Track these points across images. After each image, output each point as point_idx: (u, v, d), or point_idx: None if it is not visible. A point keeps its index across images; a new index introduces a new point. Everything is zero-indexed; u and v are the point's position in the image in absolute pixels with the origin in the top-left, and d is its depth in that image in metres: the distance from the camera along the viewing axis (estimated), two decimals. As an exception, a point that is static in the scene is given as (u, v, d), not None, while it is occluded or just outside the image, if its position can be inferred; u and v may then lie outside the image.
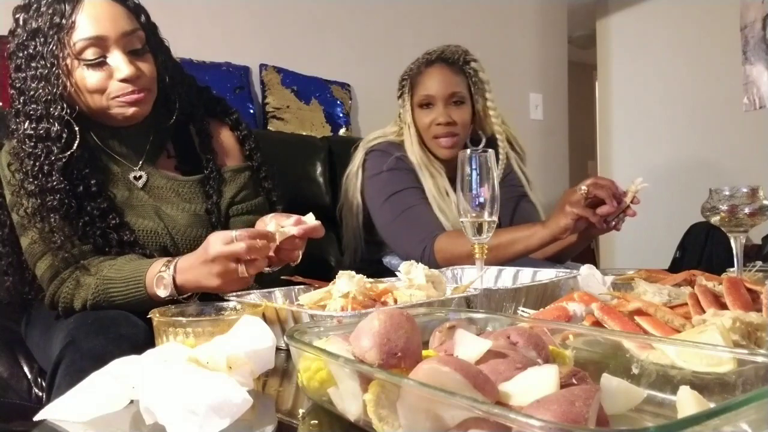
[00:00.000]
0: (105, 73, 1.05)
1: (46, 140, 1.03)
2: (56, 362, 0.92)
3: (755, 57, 2.84)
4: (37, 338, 1.14)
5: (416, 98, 1.65)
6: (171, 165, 1.21)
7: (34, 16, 1.03)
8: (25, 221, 1.05)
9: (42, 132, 1.03)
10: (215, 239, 0.91)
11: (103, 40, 1.04)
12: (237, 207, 1.24)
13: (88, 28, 1.03)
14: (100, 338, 0.92)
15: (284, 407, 0.65)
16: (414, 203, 1.58)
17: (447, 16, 2.80)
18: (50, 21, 1.02)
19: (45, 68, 1.03)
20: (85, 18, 1.02)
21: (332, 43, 2.50)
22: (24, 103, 1.05)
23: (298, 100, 2.30)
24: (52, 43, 1.02)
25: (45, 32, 1.02)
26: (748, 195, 0.95)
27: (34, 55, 1.03)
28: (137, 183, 1.15)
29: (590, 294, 0.80)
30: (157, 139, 1.19)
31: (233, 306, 0.83)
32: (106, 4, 1.05)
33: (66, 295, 1.03)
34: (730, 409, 0.37)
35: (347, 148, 1.81)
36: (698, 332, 0.62)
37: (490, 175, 0.99)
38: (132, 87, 1.06)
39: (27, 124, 1.04)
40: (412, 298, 0.85)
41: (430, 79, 1.64)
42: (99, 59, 1.04)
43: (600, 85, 3.58)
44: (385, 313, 0.52)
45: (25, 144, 1.04)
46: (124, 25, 1.06)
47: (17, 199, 1.05)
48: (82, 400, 0.59)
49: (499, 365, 0.47)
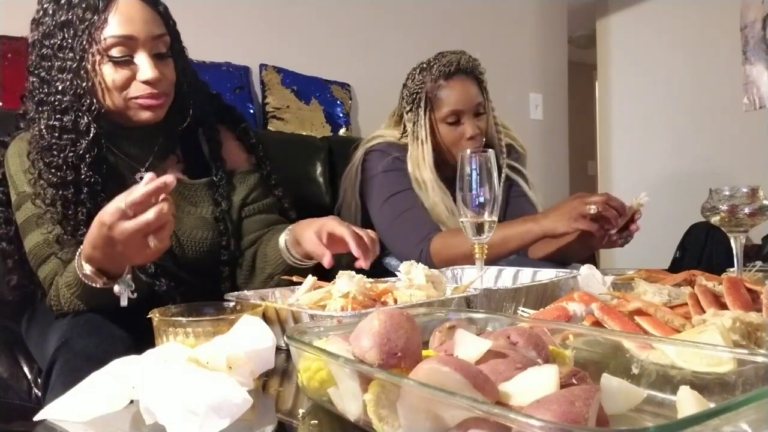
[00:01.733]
0: (129, 72, 1.06)
1: (71, 132, 1.03)
2: (51, 362, 0.92)
3: (755, 57, 2.84)
4: (36, 338, 1.14)
5: (441, 114, 1.60)
6: (179, 170, 1.21)
7: (66, 8, 1.03)
8: (34, 218, 1.04)
9: (68, 124, 1.03)
10: (110, 219, 0.82)
11: (132, 40, 1.04)
12: (249, 207, 1.25)
13: (119, 26, 1.03)
14: (93, 338, 0.92)
15: (284, 407, 0.65)
16: (411, 205, 1.58)
17: (447, 16, 2.80)
18: (82, 15, 1.02)
19: (74, 61, 1.03)
20: (118, 16, 1.03)
21: (332, 43, 2.50)
22: (48, 93, 1.04)
23: (298, 100, 2.30)
24: (82, 37, 1.02)
25: (76, 26, 1.02)
26: (748, 195, 0.95)
27: (63, 47, 1.03)
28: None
29: (590, 294, 0.80)
30: (166, 142, 1.19)
31: (233, 306, 0.83)
32: (139, 6, 1.06)
33: (56, 302, 1.02)
34: (730, 409, 0.37)
35: (347, 148, 1.81)
36: (698, 332, 0.62)
37: (490, 175, 0.99)
38: (152, 90, 1.07)
39: (50, 114, 1.04)
40: (412, 298, 0.85)
41: (454, 93, 1.59)
42: (125, 58, 1.05)
43: (600, 85, 3.58)
44: (385, 313, 0.52)
45: (47, 134, 1.03)
46: (153, 29, 1.07)
47: (36, 189, 1.04)
48: (82, 400, 0.59)
49: (499, 365, 0.47)
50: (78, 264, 0.93)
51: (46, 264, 1.04)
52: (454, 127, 1.60)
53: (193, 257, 1.15)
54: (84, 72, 1.03)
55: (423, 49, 1.70)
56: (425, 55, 1.73)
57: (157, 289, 1.09)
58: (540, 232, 1.36)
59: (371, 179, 1.64)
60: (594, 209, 1.27)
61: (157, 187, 0.81)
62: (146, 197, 0.80)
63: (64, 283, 0.98)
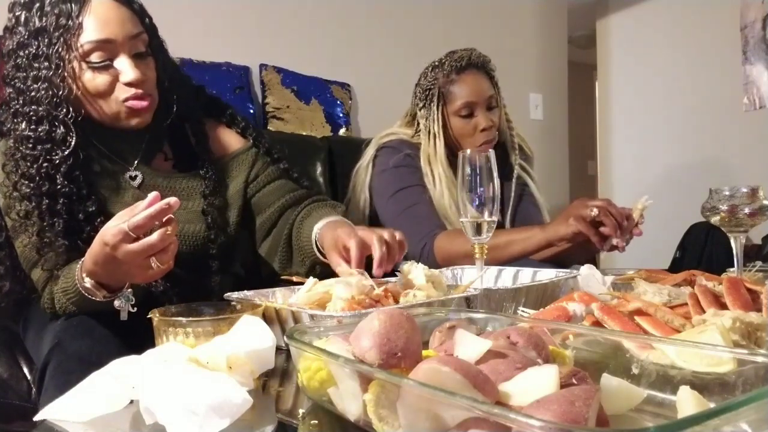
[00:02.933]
0: (110, 77, 1.04)
1: (46, 142, 1.01)
2: (44, 364, 0.92)
3: (755, 57, 2.84)
4: (32, 339, 1.14)
5: (453, 107, 1.62)
6: (168, 166, 1.20)
7: (38, 15, 1.00)
8: (17, 224, 1.03)
9: (42, 134, 1.01)
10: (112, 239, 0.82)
11: (110, 44, 1.02)
12: (257, 182, 1.24)
13: (95, 30, 1.01)
14: (86, 340, 0.91)
15: (284, 407, 0.65)
16: (417, 201, 1.59)
17: (447, 16, 2.80)
18: (56, 22, 0.99)
19: (49, 69, 1.00)
20: (93, 20, 1.01)
21: (332, 43, 2.50)
22: (24, 103, 1.02)
23: (298, 100, 2.30)
24: (57, 45, 1.00)
25: (50, 33, 1.00)
26: (748, 195, 0.95)
27: (38, 55, 1.01)
28: (133, 183, 1.14)
29: (590, 294, 0.80)
30: (153, 138, 1.18)
31: (233, 306, 0.83)
32: (114, 6, 1.03)
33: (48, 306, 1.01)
34: (730, 409, 0.37)
35: (347, 148, 1.82)
36: (698, 332, 0.62)
37: (490, 175, 0.99)
38: (136, 90, 1.05)
39: (25, 125, 1.01)
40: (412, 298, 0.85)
41: (466, 86, 1.61)
42: (105, 62, 1.03)
43: (600, 85, 3.58)
44: (385, 313, 0.52)
45: (22, 145, 1.01)
46: (130, 28, 1.04)
47: (11, 201, 1.02)
48: (82, 400, 0.59)
49: (499, 365, 0.47)
50: (78, 276, 0.93)
51: (38, 267, 1.03)
52: (467, 120, 1.62)
53: (187, 251, 1.14)
54: (60, 80, 1.01)
55: (423, 49, 1.71)
56: (425, 55, 1.73)
57: (153, 290, 1.08)
58: (543, 239, 1.36)
59: (381, 173, 1.65)
60: (595, 212, 1.28)
61: (161, 210, 0.80)
62: (149, 220, 0.80)
63: (60, 288, 0.97)
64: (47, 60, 1.00)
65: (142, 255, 0.82)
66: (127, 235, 0.81)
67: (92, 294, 0.92)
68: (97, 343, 0.91)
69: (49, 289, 1.02)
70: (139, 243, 0.81)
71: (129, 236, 0.81)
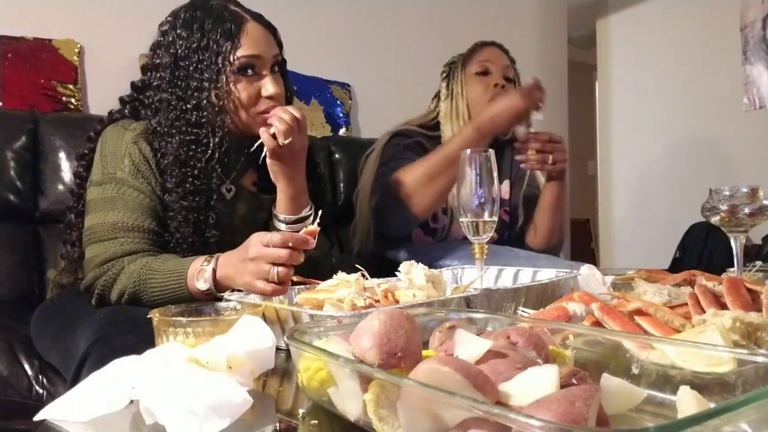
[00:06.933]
0: (254, 90, 1.16)
1: (202, 145, 1.13)
2: (83, 357, 0.92)
3: (755, 57, 2.84)
4: (54, 331, 1.14)
5: (472, 67, 1.71)
6: (252, 180, 1.27)
7: (199, 35, 1.14)
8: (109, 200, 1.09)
9: (203, 138, 1.13)
10: (256, 240, 0.93)
11: (259, 59, 1.16)
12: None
13: (250, 47, 1.15)
14: (133, 335, 0.91)
15: (284, 407, 0.65)
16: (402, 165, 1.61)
17: (447, 16, 2.80)
18: (218, 39, 1.13)
19: (210, 81, 1.13)
20: (248, 39, 1.15)
21: (332, 43, 2.50)
22: (186, 110, 1.13)
23: (298, 100, 2.30)
24: (218, 59, 1.13)
25: (212, 49, 1.13)
26: (748, 195, 0.95)
27: (200, 69, 1.13)
28: (227, 195, 1.21)
29: (590, 294, 0.80)
30: (251, 154, 1.20)
31: (233, 306, 0.83)
32: (262, 29, 1.19)
33: (106, 282, 1.05)
34: (730, 409, 0.37)
35: (347, 148, 1.82)
36: (698, 332, 0.62)
37: (490, 175, 0.99)
38: (274, 104, 1.16)
39: (186, 129, 1.12)
40: (412, 298, 0.85)
41: (487, 53, 1.73)
42: (254, 75, 1.16)
43: (600, 85, 3.58)
44: (385, 313, 0.52)
45: (184, 148, 1.12)
46: (273, 49, 1.19)
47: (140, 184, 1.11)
48: (82, 400, 0.59)
49: (499, 365, 0.47)
50: (201, 277, 0.99)
51: (102, 244, 1.08)
52: (483, 77, 1.69)
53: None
54: (218, 91, 1.13)
55: (423, 49, 1.72)
56: (425, 55, 1.74)
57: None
58: (473, 132, 1.46)
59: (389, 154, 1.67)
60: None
61: (302, 240, 0.91)
62: (284, 244, 0.90)
63: (157, 283, 1.02)
64: (208, 71, 1.13)
65: (268, 258, 0.90)
66: (267, 243, 0.91)
67: (206, 280, 0.98)
68: (143, 339, 0.90)
69: (102, 270, 1.06)
70: (269, 250, 0.91)
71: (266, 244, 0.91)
